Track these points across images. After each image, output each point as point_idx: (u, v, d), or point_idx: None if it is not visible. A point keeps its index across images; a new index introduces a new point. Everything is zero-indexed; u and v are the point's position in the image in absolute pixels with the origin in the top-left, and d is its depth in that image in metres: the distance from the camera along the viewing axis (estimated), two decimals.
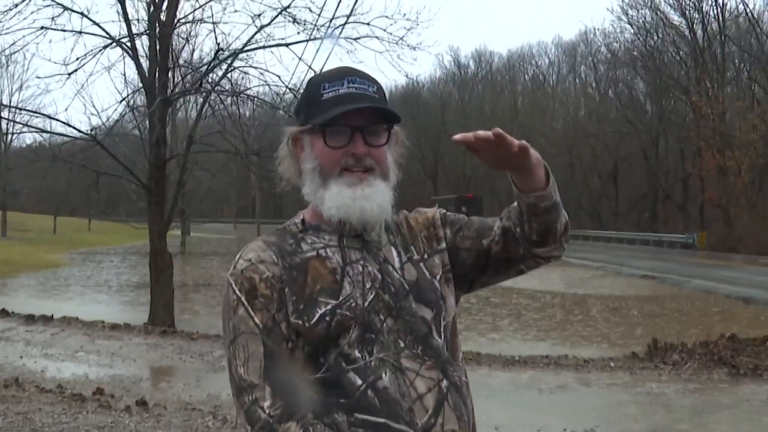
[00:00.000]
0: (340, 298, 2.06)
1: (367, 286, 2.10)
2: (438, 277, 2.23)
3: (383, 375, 2.04)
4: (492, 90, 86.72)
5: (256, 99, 17.36)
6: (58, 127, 19.77)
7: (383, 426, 2.00)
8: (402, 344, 2.08)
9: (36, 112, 18.10)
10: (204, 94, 16.36)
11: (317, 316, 2.04)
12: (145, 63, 15.86)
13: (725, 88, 52.49)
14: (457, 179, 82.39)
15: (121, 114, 17.12)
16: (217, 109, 16.88)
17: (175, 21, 16.02)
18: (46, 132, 17.96)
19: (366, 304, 2.07)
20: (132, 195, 20.77)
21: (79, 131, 16.62)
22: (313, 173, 2.13)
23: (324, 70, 2.28)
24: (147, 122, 16.32)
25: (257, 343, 2.04)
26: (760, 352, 11.15)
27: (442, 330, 2.18)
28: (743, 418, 8.33)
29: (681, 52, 55.75)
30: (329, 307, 2.05)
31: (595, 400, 9.36)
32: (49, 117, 16.16)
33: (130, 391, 9.25)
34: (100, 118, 16.97)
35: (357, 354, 2.04)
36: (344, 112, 2.07)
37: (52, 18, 15.15)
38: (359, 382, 2.03)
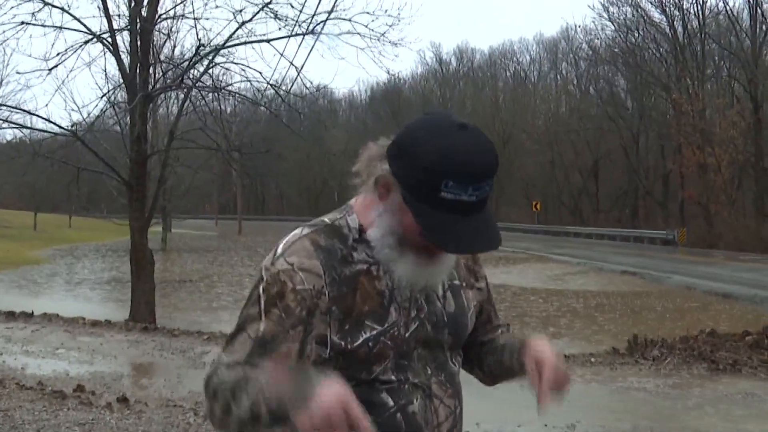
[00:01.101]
0: (385, 325, 1.99)
1: (412, 314, 2.03)
2: (471, 310, 2.21)
3: (414, 400, 2.02)
4: (473, 86, 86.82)
5: (237, 95, 17.36)
6: (39, 123, 19.75)
7: None
8: (429, 371, 2.07)
9: (16, 108, 18.00)
10: (185, 90, 16.34)
11: (361, 340, 1.97)
12: (126, 59, 15.81)
13: (705, 86, 52.72)
14: None
15: (101, 110, 17.12)
16: (199, 105, 16.87)
17: (156, 17, 15.95)
18: (27, 128, 17.86)
19: (407, 333, 2.02)
20: (113, 191, 20.79)
21: (60, 127, 16.60)
22: (389, 230, 1.97)
23: (463, 140, 1.88)
24: (128, 118, 16.28)
25: (248, 347, 1.97)
26: (739, 348, 11.22)
27: (457, 358, 2.19)
28: (722, 413, 8.39)
29: (661, 50, 55.96)
30: (374, 333, 1.97)
31: (576, 396, 9.38)
32: (30, 113, 16.02)
33: (111, 388, 9.21)
34: (80, 114, 17.01)
35: (393, 377, 2.00)
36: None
37: (32, 13, 15.10)
38: (391, 403, 2.00)
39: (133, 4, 15.45)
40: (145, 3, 15.49)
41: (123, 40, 16.20)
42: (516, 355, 2.19)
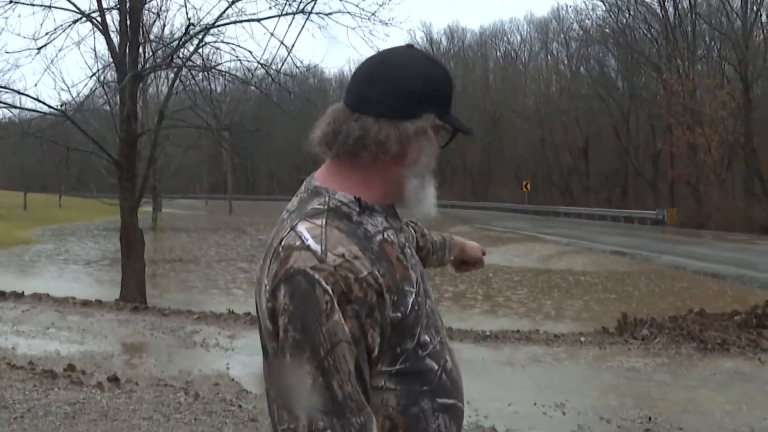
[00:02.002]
0: (415, 286, 1.97)
1: (419, 272, 2.04)
2: None
3: (447, 357, 2.04)
4: (464, 66, 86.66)
5: (227, 74, 17.30)
6: (28, 103, 19.75)
7: (452, 407, 2.00)
8: (440, 323, 2.09)
9: (5, 88, 17.90)
10: (175, 69, 16.27)
11: (410, 305, 1.92)
12: (115, 38, 15.73)
13: (696, 66, 52.72)
14: None
15: (91, 89, 17.04)
16: (189, 85, 16.79)
17: None
18: (16, 107, 17.78)
19: (424, 288, 2.03)
20: (103, 171, 20.74)
21: (49, 107, 16.52)
22: (425, 169, 1.99)
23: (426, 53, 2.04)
24: (117, 98, 16.22)
25: (353, 355, 1.81)
26: (728, 327, 11.27)
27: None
28: (711, 392, 8.44)
29: (652, 30, 55.95)
30: (414, 296, 1.95)
31: (566, 375, 9.44)
32: (19, 92, 15.93)
33: (102, 368, 9.23)
34: (70, 93, 16.94)
35: (427, 338, 1.98)
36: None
37: None
38: (435, 367, 1.98)
39: None
40: None
41: (112, 19, 16.12)
42: (448, 253, 2.85)
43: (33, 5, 15.17)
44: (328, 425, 1.76)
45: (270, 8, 22.40)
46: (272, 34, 22.06)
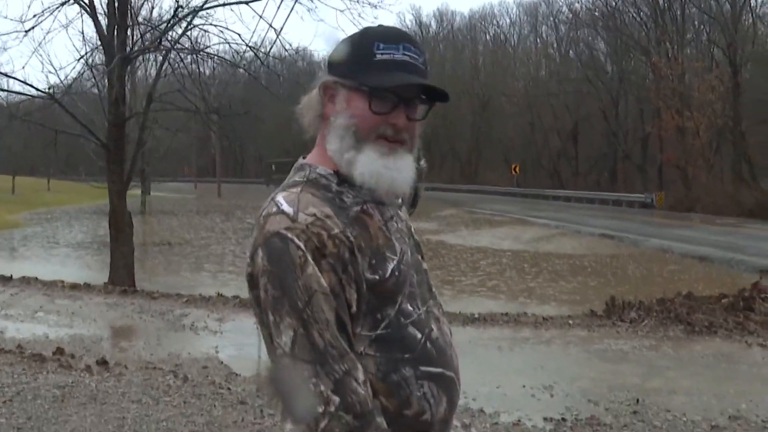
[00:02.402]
0: (398, 254, 2.04)
1: (405, 243, 2.11)
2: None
3: (432, 326, 2.08)
4: (453, 49, 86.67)
5: (216, 57, 17.27)
6: (16, 86, 19.67)
7: (439, 375, 2.03)
8: (427, 296, 2.14)
9: None
10: (163, 52, 16.20)
11: (389, 270, 2.00)
12: (103, 20, 15.65)
13: (684, 50, 52.81)
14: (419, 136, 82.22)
15: (79, 72, 16.98)
16: (177, 68, 16.73)
17: None
18: (3, 90, 17.77)
19: (410, 260, 2.09)
20: (91, 154, 20.61)
21: (37, 89, 16.44)
22: (345, 131, 2.04)
23: (379, 26, 2.11)
24: (106, 80, 16.15)
25: (332, 306, 1.90)
26: (715, 310, 11.32)
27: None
28: (698, 374, 8.49)
29: (641, 13, 56.02)
30: (395, 262, 2.02)
31: (554, 357, 9.48)
32: (6, 75, 15.86)
33: (91, 351, 9.23)
34: (58, 76, 16.88)
35: (410, 308, 2.04)
36: (403, 84, 2.01)
37: None
38: (419, 335, 2.03)
39: None
40: None
41: (100, 1, 16.01)
42: None
43: None
44: (312, 374, 1.86)
45: None
46: (261, 17, 22.05)
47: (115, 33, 15.29)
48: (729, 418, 6.82)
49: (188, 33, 16.19)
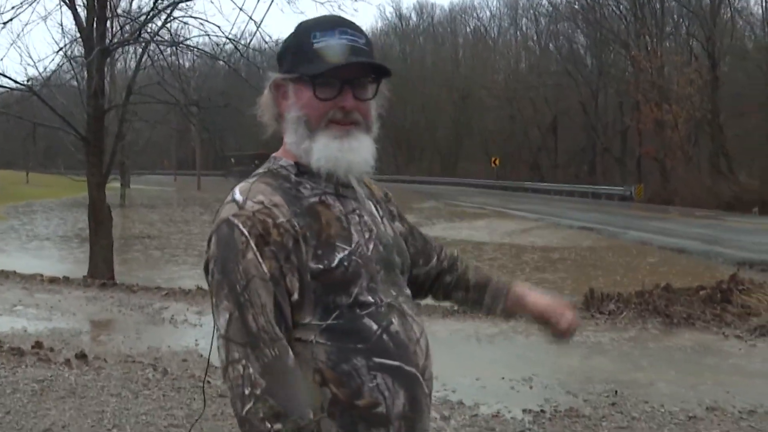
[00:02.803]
0: (353, 245, 2.06)
1: (366, 236, 2.12)
2: (401, 238, 2.34)
3: (393, 320, 2.08)
4: (433, 42, 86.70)
5: (195, 49, 17.20)
6: None
7: (397, 369, 2.04)
8: (394, 293, 2.14)
9: None
10: (143, 44, 16.14)
11: (337, 260, 2.02)
12: (82, 12, 15.56)
13: (664, 43, 52.97)
14: (398, 130, 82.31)
15: (58, 64, 16.90)
16: (157, 60, 16.67)
17: None
18: None
19: (369, 253, 2.10)
20: (70, 147, 20.51)
21: (16, 82, 16.31)
22: (298, 123, 2.09)
23: (314, 17, 2.19)
24: (85, 73, 16.07)
25: (270, 292, 1.95)
26: (693, 302, 11.39)
27: (428, 261, 2.45)
28: (676, 366, 8.55)
29: (621, 6, 56.10)
30: (346, 252, 2.04)
31: (533, 349, 9.51)
32: None
33: (70, 345, 9.20)
34: (36, 68, 16.81)
35: (370, 299, 2.06)
36: (337, 66, 2.04)
37: None
38: (375, 327, 2.04)
39: None
40: None
41: None
42: (502, 303, 2.57)
43: None
44: (242, 355, 1.91)
45: None
46: (241, 9, 22.03)
47: (95, 25, 15.20)
48: (706, 409, 6.87)
49: (168, 25, 16.13)
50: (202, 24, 21.52)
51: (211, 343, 2.14)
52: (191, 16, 16.65)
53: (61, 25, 34.36)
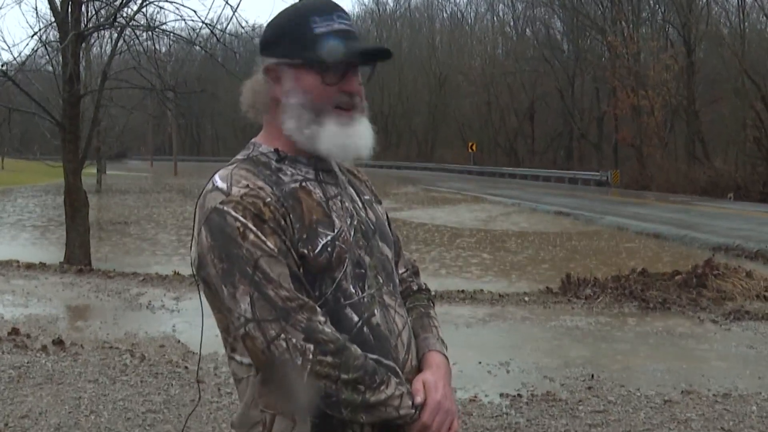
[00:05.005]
0: (335, 231, 2.06)
1: (348, 222, 2.11)
2: (387, 221, 2.34)
3: (375, 312, 2.09)
4: (410, 28, 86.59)
5: (171, 34, 17.12)
6: None
7: (375, 362, 2.02)
8: (381, 281, 2.14)
9: None
10: (118, 28, 16.03)
11: (320, 246, 2.02)
12: None
13: (640, 29, 53.07)
14: (375, 116, 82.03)
15: (33, 49, 16.78)
16: (132, 45, 16.57)
17: None
18: None
19: (352, 239, 2.10)
20: (46, 132, 20.42)
21: None
22: (302, 108, 2.07)
23: (305, 1, 2.15)
24: (60, 58, 15.96)
25: (281, 264, 1.95)
26: (669, 287, 11.50)
27: (397, 270, 2.31)
28: (652, 350, 8.62)
29: None
30: (329, 238, 2.04)
31: (510, 334, 9.57)
32: None
33: (47, 331, 9.17)
34: (11, 53, 16.73)
35: (352, 289, 2.06)
36: (356, 52, 2.08)
37: None
38: (356, 318, 2.05)
39: None
40: None
41: None
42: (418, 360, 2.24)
43: None
44: (279, 330, 1.91)
45: None
46: None
47: (69, 9, 15.09)
48: (682, 392, 6.93)
49: (144, 10, 16.02)
50: (178, 9, 21.47)
51: (201, 336, 2.15)
52: (167, 1, 16.51)
53: (36, 9, 34.08)
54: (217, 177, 2.06)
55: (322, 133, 2.06)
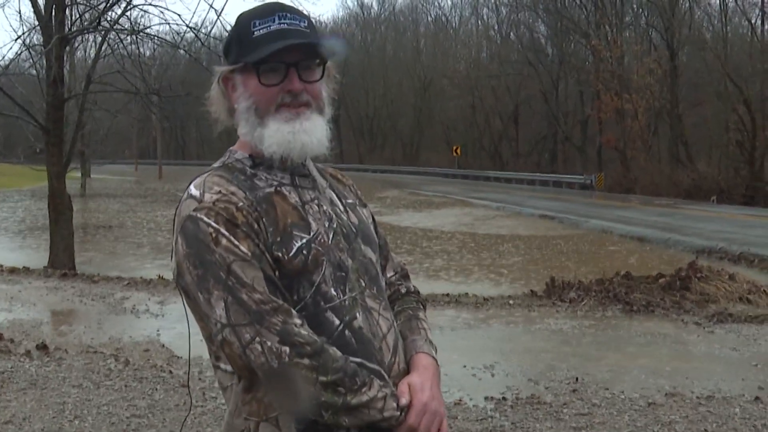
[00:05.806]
0: (311, 234, 2.06)
1: (326, 225, 2.11)
2: (372, 223, 2.34)
3: (357, 315, 2.08)
4: (395, 31, 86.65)
5: (156, 38, 17.10)
6: None
7: (359, 365, 2.01)
8: (363, 284, 2.14)
9: None
10: (103, 32, 16.01)
11: (295, 248, 2.02)
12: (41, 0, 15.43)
13: (623, 33, 53.25)
14: (360, 119, 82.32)
15: (16, 53, 16.79)
16: (117, 48, 16.55)
17: None
18: None
19: (330, 242, 2.09)
20: (30, 136, 20.34)
21: None
22: (248, 112, 2.10)
23: (254, 6, 2.19)
24: (44, 61, 15.93)
25: (254, 268, 1.96)
26: (653, 290, 11.54)
27: (382, 272, 2.30)
28: (636, 352, 8.64)
29: None
30: (304, 240, 2.04)
31: (495, 338, 9.58)
32: None
33: (30, 335, 9.14)
34: None
35: (333, 292, 2.05)
36: (278, 50, 2.04)
37: None
38: (337, 321, 2.04)
39: None
40: None
41: None
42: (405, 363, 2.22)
43: None
44: (254, 333, 1.92)
45: None
46: None
47: (53, 12, 15.06)
48: (666, 395, 6.96)
49: (128, 13, 16.05)
50: (162, 12, 21.51)
51: (189, 341, 2.15)
52: (151, 4, 16.52)
53: (20, 12, 33.93)
54: (192, 185, 2.08)
55: (265, 133, 2.08)
